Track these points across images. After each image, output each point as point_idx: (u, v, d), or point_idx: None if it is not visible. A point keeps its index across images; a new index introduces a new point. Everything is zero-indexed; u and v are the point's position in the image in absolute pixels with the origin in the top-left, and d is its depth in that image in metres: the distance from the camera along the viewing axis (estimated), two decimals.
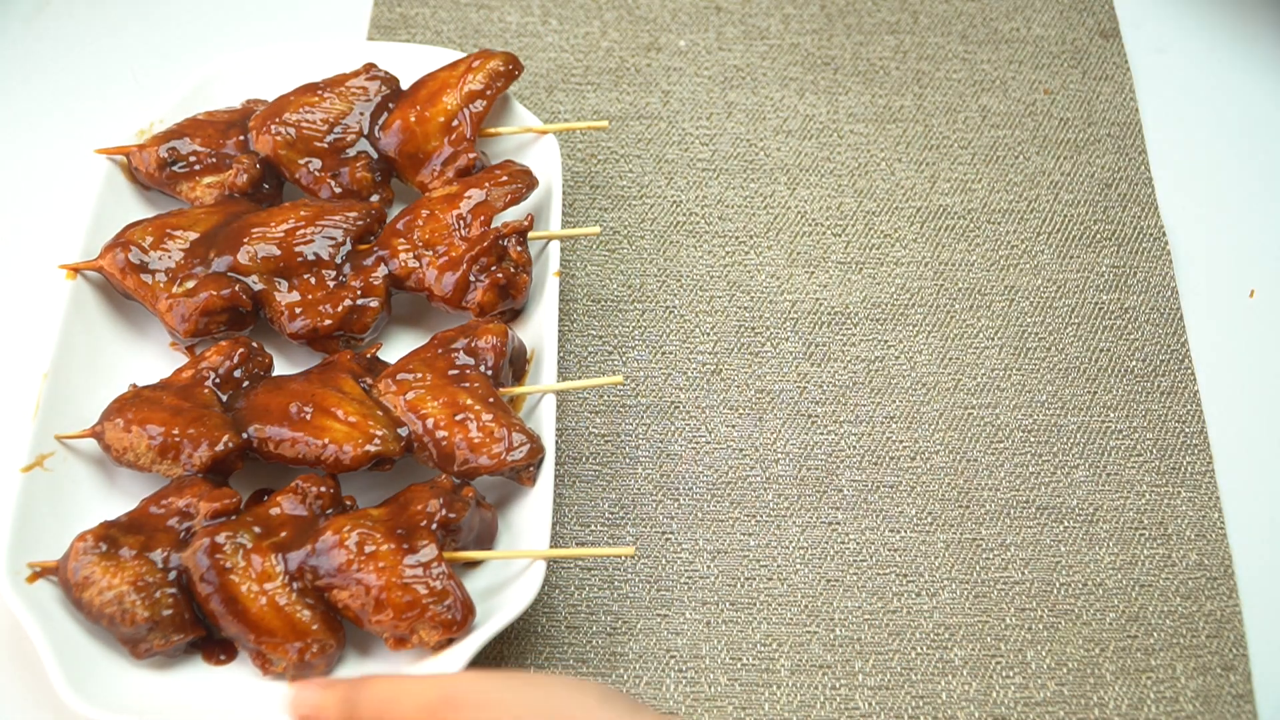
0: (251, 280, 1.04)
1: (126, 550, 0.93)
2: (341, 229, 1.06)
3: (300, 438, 0.97)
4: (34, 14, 1.30)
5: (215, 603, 0.92)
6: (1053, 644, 0.98)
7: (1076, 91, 1.27)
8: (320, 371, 1.01)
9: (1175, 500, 1.05)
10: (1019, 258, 1.17)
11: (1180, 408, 1.09)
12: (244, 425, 0.98)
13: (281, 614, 0.91)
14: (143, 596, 0.91)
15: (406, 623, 0.90)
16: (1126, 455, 1.06)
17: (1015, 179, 1.21)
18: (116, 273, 1.04)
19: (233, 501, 0.94)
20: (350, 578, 0.91)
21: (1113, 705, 0.96)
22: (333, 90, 1.11)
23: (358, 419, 0.97)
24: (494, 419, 0.96)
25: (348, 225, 1.06)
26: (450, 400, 0.97)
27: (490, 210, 1.05)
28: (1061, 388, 1.10)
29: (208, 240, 1.05)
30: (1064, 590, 1.00)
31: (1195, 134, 1.25)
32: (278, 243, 1.04)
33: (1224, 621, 1.00)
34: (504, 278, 1.04)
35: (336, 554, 0.91)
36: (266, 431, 0.97)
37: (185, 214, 1.07)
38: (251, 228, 1.05)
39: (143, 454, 0.97)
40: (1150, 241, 1.18)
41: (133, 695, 0.91)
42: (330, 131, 1.10)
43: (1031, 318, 1.13)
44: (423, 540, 0.91)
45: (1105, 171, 1.22)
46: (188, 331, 1.03)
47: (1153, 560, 1.02)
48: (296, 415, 0.97)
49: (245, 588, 0.92)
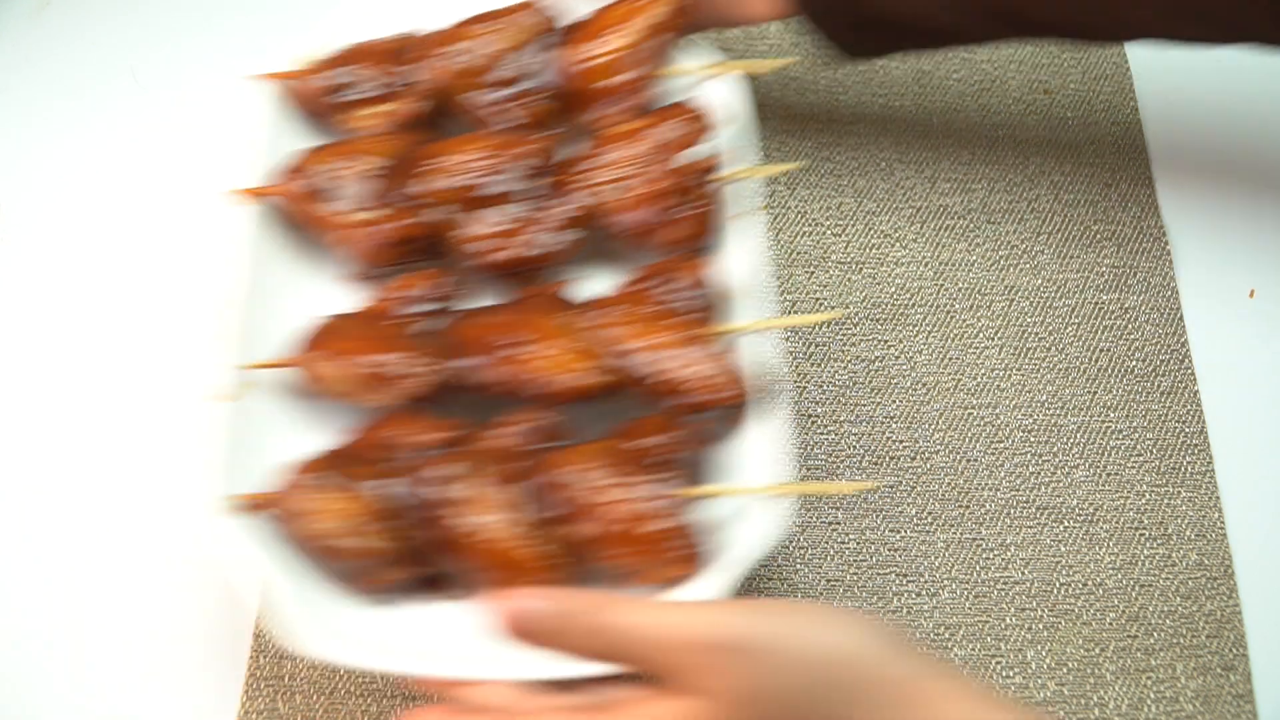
0: (438, 211, 1.00)
1: (349, 482, 0.89)
2: (528, 161, 1.02)
3: (510, 369, 0.93)
4: (36, 10, 1.30)
5: (446, 535, 0.88)
6: (1053, 644, 0.98)
7: (1076, 91, 1.27)
8: (520, 304, 0.97)
9: (1175, 500, 1.05)
10: (1019, 258, 1.17)
11: (1180, 408, 1.09)
12: (450, 357, 0.94)
13: (509, 548, 0.88)
14: (376, 527, 0.87)
15: (641, 557, 0.87)
16: (1126, 455, 1.06)
17: (1015, 179, 1.21)
18: (297, 199, 1.00)
19: (456, 433, 0.91)
20: (584, 512, 0.88)
21: (1113, 705, 0.96)
22: (500, 22, 1.07)
23: (567, 352, 0.93)
24: (706, 355, 0.93)
25: (535, 156, 1.02)
26: (658, 335, 0.94)
27: (676, 147, 1.01)
28: (1061, 388, 1.10)
29: (391, 169, 1.01)
30: (1064, 590, 1.00)
31: (1195, 134, 1.25)
32: (465, 173, 1.00)
33: (1224, 621, 1.00)
34: (694, 214, 1.01)
35: (566, 487, 0.88)
36: (475, 362, 0.94)
37: (362, 142, 1.02)
38: (436, 157, 1.01)
39: (348, 384, 0.93)
40: (1150, 241, 1.18)
41: (355, 631, 0.87)
42: (501, 63, 1.06)
43: (1031, 318, 1.13)
44: (653, 474, 0.88)
45: (1105, 171, 1.22)
46: (375, 261, 0.99)
47: (1153, 560, 1.02)
48: (504, 347, 0.94)
49: (477, 520, 0.88)
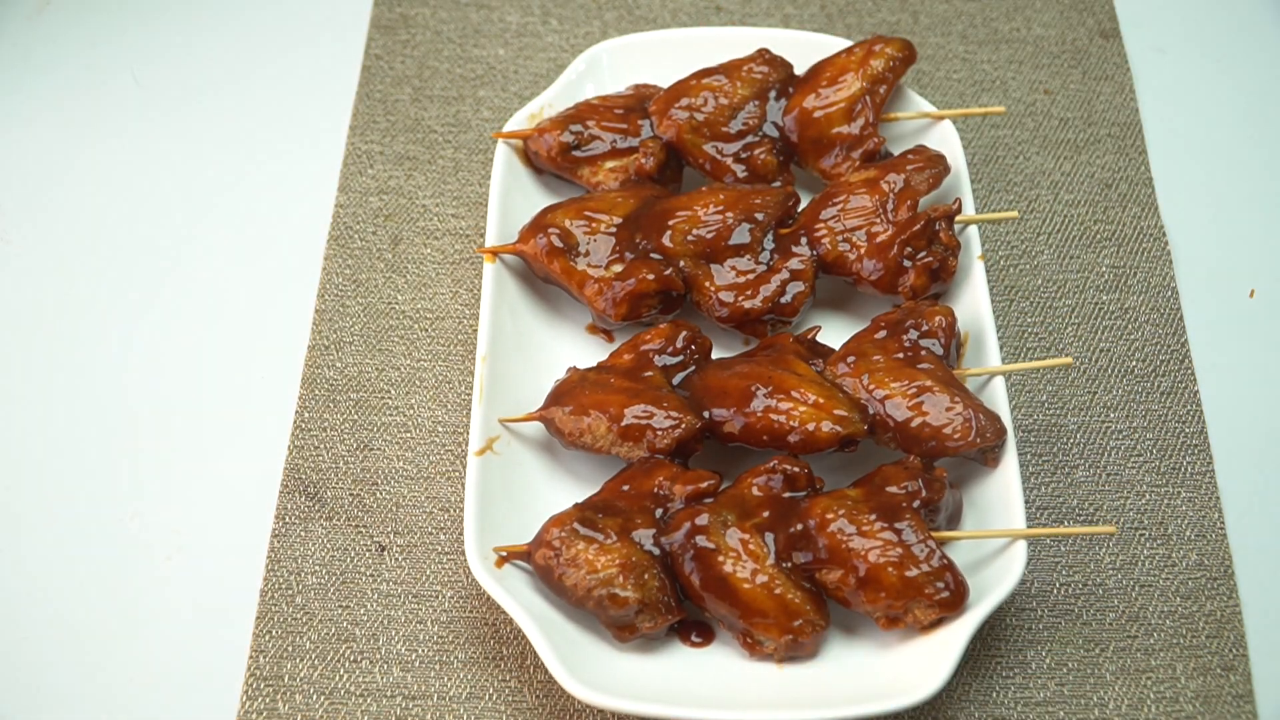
0: (679, 264, 1.04)
1: (607, 533, 0.92)
2: (764, 212, 1.05)
3: (766, 419, 0.96)
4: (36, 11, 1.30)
5: (703, 584, 0.92)
6: (1053, 644, 0.98)
7: (1076, 91, 1.27)
8: (766, 354, 1.00)
9: (1175, 500, 1.04)
10: (1019, 258, 1.16)
11: (1180, 408, 1.08)
12: (702, 407, 0.98)
13: (772, 594, 0.91)
14: (632, 578, 0.91)
15: (901, 602, 0.90)
16: (1126, 455, 1.06)
17: (1015, 178, 1.21)
18: (540, 256, 1.04)
19: (713, 484, 0.94)
20: (840, 558, 0.91)
21: (1113, 705, 0.96)
22: (730, 75, 1.12)
23: (821, 399, 0.96)
24: (957, 399, 0.96)
25: (769, 209, 1.06)
26: (909, 381, 0.97)
27: (914, 194, 1.05)
28: (1061, 388, 1.09)
29: (631, 223, 1.05)
30: (1063, 590, 1.00)
31: (1195, 134, 1.25)
32: (704, 226, 1.04)
33: (1224, 621, 0.99)
34: (935, 261, 1.03)
35: (825, 534, 0.91)
36: (728, 413, 0.97)
37: (600, 198, 1.07)
38: (675, 211, 1.05)
39: (601, 436, 0.97)
40: (1150, 241, 1.17)
41: (623, 679, 0.91)
42: (733, 116, 1.10)
43: (1031, 317, 1.13)
44: (909, 520, 0.91)
45: (1105, 171, 1.21)
46: (619, 315, 1.03)
47: (1153, 560, 1.01)
48: (757, 396, 0.96)
49: (734, 568, 0.91)
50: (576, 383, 1.00)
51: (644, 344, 1.01)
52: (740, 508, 0.94)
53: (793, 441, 0.96)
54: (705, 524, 0.92)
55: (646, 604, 0.91)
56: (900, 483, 0.93)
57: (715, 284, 1.04)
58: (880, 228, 1.04)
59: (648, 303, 1.04)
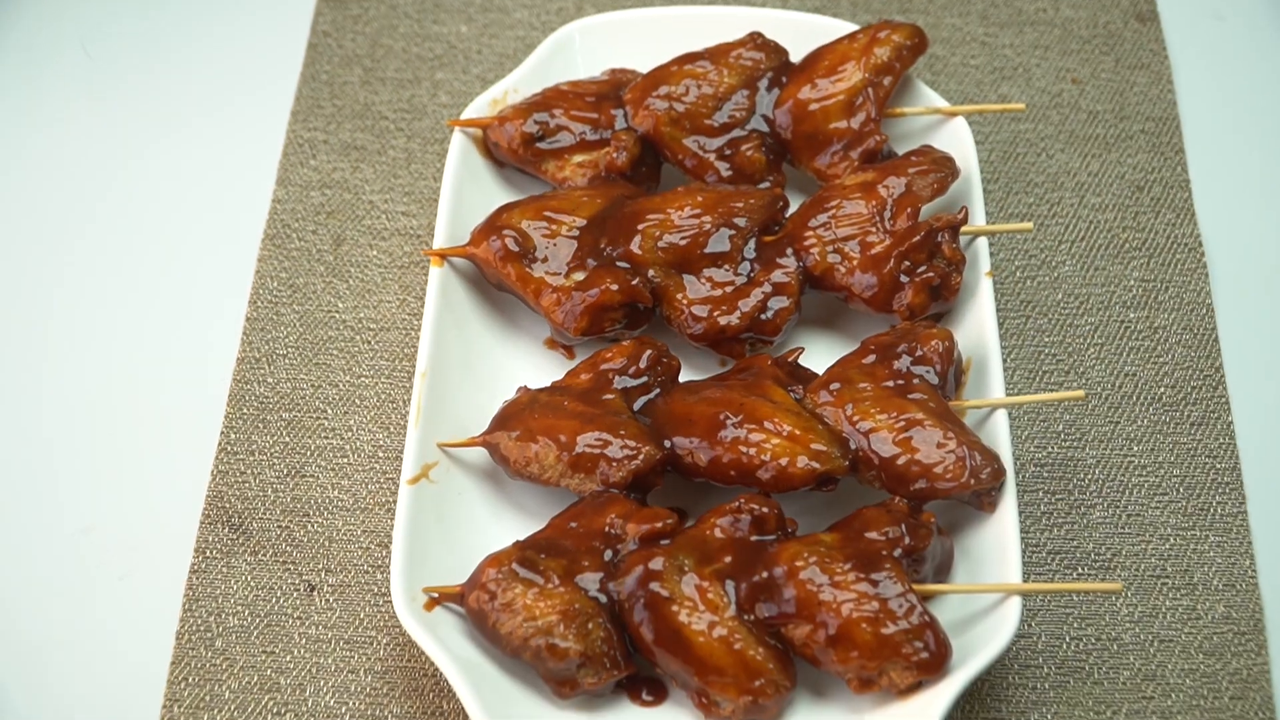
0: (648, 274, 1.00)
1: (549, 575, 0.88)
2: (746, 217, 1.01)
3: (735, 451, 0.92)
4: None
5: (654, 636, 0.87)
6: (1059, 705, 0.94)
7: (1108, 81, 1.22)
8: (741, 378, 0.96)
9: (1203, 545, 1.00)
10: (1037, 268, 1.12)
11: (1211, 441, 1.04)
12: (663, 436, 0.94)
13: (731, 650, 0.87)
14: (574, 627, 0.87)
15: (876, 663, 0.86)
16: (1150, 494, 1.02)
17: (1036, 179, 1.16)
18: (493, 261, 1.00)
19: (670, 523, 0.90)
20: (809, 611, 0.87)
21: None
22: (717, 61, 1.07)
23: (798, 431, 0.92)
24: (951, 435, 0.92)
25: (752, 213, 1.01)
26: (898, 413, 0.93)
27: (916, 201, 1.00)
28: (1079, 416, 1.05)
29: (596, 226, 1.01)
30: (1074, 645, 0.96)
31: (1238, 132, 1.21)
32: (678, 231, 1.00)
33: (1250, 682, 0.95)
34: (936, 277, 0.99)
35: (792, 584, 0.87)
36: (692, 444, 0.93)
37: (564, 196, 1.03)
38: (646, 213, 1.01)
39: (550, 466, 0.93)
40: (1185, 253, 1.13)
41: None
42: (717, 108, 1.06)
43: (1049, 336, 1.08)
44: (887, 570, 0.87)
45: (1137, 172, 1.17)
46: (578, 329, 0.99)
47: (1175, 612, 0.97)
48: (725, 426, 0.92)
49: (690, 620, 0.87)
50: (526, 405, 0.95)
51: (604, 362, 0.97)
52: (700, 551, 0.89)
53: (763, 478, 0.92)
54: (659, 569, 0.88)
55: (590, 657, 0.87)
56: (881, 528, 0.89)
57: (688, 297, 1.00)
58: (876, 238, 1.00)
59: (611, 316, 0.99)
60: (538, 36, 1.22)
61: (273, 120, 1.18)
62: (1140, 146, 1.18)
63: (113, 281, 1.11)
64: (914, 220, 1.00)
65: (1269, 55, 1.25)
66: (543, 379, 1.00)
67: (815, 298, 1.04)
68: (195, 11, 1.25)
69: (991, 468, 0.91)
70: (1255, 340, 1.09)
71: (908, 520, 0.89)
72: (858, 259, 1.00)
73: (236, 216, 1.13)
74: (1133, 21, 1.25)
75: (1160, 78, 1.22)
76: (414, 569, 0.90)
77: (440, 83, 1.21)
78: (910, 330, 0.97)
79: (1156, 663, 0.94)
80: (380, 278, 1.10)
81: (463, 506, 0.95)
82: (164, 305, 1.10)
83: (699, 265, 1.00)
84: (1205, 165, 1.17)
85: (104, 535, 0.99)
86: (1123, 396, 1.05)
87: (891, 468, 0.92)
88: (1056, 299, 1.09)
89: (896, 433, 0.92)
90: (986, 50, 1.23)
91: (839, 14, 1.24)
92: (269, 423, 1.03)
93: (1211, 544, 0.99)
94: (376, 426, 1.03)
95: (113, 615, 0.96)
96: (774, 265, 1.00)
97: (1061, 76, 1.22)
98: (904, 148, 1.09)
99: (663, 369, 0.97)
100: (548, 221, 1.00)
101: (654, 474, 0.92)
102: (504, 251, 0.99)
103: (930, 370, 0.94)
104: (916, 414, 0.92)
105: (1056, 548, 0.98)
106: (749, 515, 0.90)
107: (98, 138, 1.18)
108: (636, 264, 0.99)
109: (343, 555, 0.98)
